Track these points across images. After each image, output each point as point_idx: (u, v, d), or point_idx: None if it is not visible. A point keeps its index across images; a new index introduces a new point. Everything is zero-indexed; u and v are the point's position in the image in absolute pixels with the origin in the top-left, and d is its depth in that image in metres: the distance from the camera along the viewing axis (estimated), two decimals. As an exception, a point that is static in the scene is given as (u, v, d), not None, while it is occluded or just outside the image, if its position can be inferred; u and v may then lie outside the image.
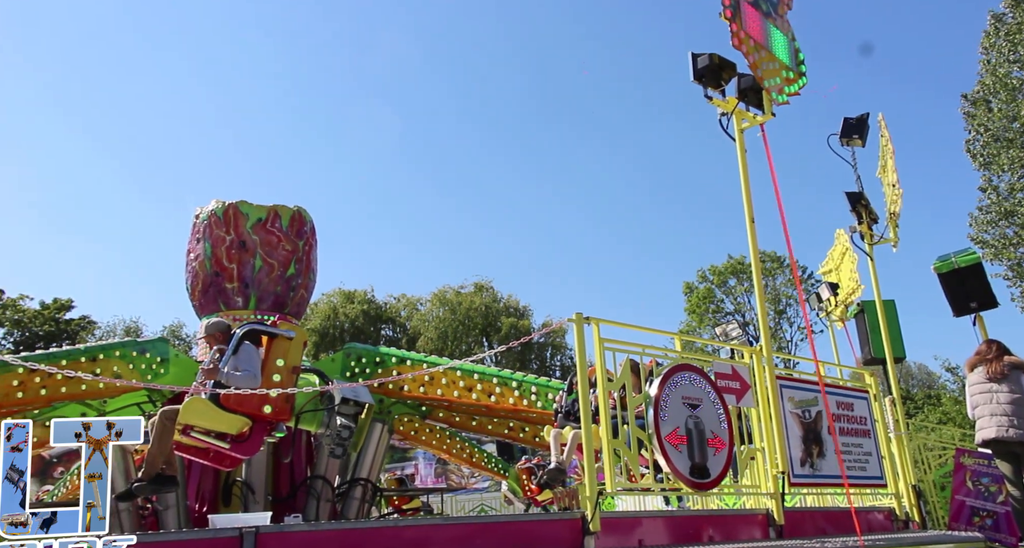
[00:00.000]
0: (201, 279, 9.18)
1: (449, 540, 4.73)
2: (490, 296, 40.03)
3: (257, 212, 9.16)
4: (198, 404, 5.43)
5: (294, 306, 9.54)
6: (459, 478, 21.96)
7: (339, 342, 35.65)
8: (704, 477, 5.48)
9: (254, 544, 4.21)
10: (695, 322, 38.23)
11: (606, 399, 5.23)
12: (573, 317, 5.14)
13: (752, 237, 6.21)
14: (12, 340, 32.02)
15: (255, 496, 8.37)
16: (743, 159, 6.24)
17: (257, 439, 5.71)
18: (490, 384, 8.63)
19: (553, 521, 5.18)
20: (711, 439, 5.58)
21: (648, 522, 5.49)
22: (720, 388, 5.78)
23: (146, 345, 8.56)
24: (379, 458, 9.50)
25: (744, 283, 38.81)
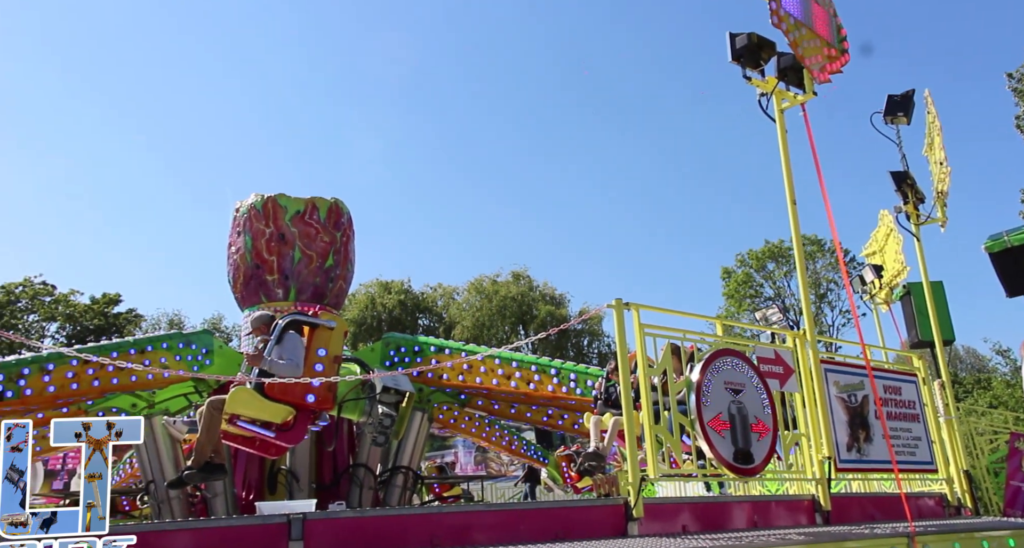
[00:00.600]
0: (242, 272, 9.35)
1: (492, 526, 4.76)
2: (526, 284, 40.02)
3: (295, 205, 9.28)
4: (244, 394, 5.53)
5: (333, 297, 9.66)
6: (499, 466, 22.10)
7: (377, 332, 36.06)
8: (748, 463, 5.41)
9: (301, 530, 4.29)
10: (734, 307, 37.73)
11: (647, 385, 5.19)
12: (613, 303, 5.11)
13: (794, 219, 6.09)
14: (65, 334, 33.06)
15: (299, 484, 8.53)
16: (783, 140, 6.11)
17: (301, 428, 5.80)
18: (529, 372, 8.64)
19: (596, 507, 5.17)
20: (754, 424, 5.50)
21: (691, 508, 5.45)
22: (763, 373, 5.69)
23: (191, 337, 8.76)
24: (419, 446, 9.59)
25: (783, 267, 38.17)
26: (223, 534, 4.28)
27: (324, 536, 4.36)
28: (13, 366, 7.20)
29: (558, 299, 39.98)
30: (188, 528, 4.30)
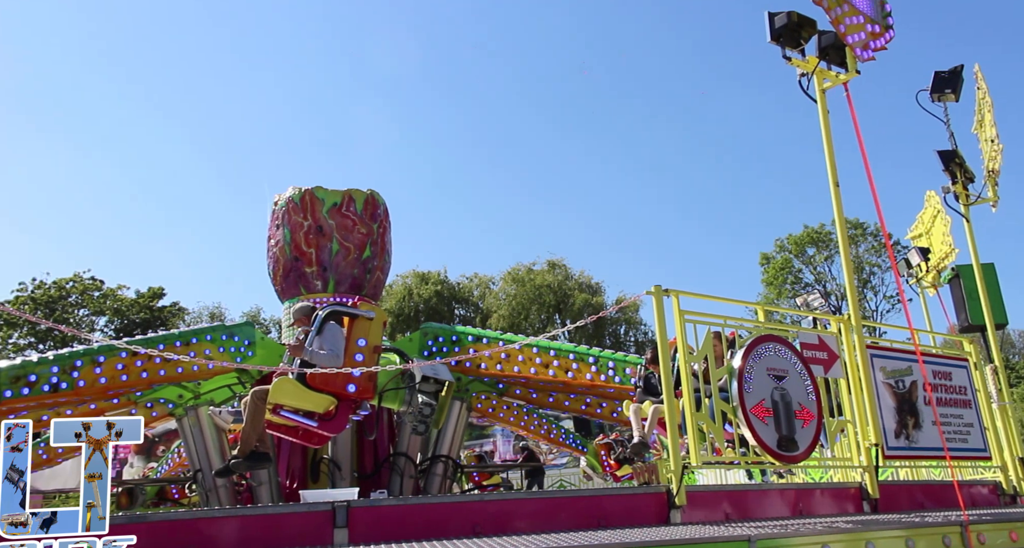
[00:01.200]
0: (282, 264, 9.48)
1: (534, 514, 4.77)
2: (562, 273, 39.90)
3: (332, 197, 9.37)
4: (287, 384, 5.62)
5: (371, 288, 9.75)
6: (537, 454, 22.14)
7: (414, 323, 36.33)
8: (792, 450, 5.32)
9: (346, 518, 4.35)
10: (773, 294, 37.15)
11: (688, 372, 5.14)
12: (652, 290, 5.05)
13: (837, 202, 5.94)
14: (113, 328, 33.99)
15: (341, 473, 8.66)
16: (825, 121, 5.95)
17: (343, 417, 5.87)
18: (567, 360, 8.62)
19: (637, 495, 5.15)
20: (798, 411, 5.41)
21: (734, 495, 5.39)
22: (806, 359, 5.59)
23: (234, 329, 8.92)
24: (459, 435, 9.66)
25: (824, 252, 37.43)
26: (270, 521, 4.36)
27: (368, 523, 4.41)
28: (67, 359, 7.43)
29: (594, 288, 39.79)
30: (237, 515, 4.39)
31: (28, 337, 31.76)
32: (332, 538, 4.30)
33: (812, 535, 4.40)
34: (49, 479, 16.42)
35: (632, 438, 7.32)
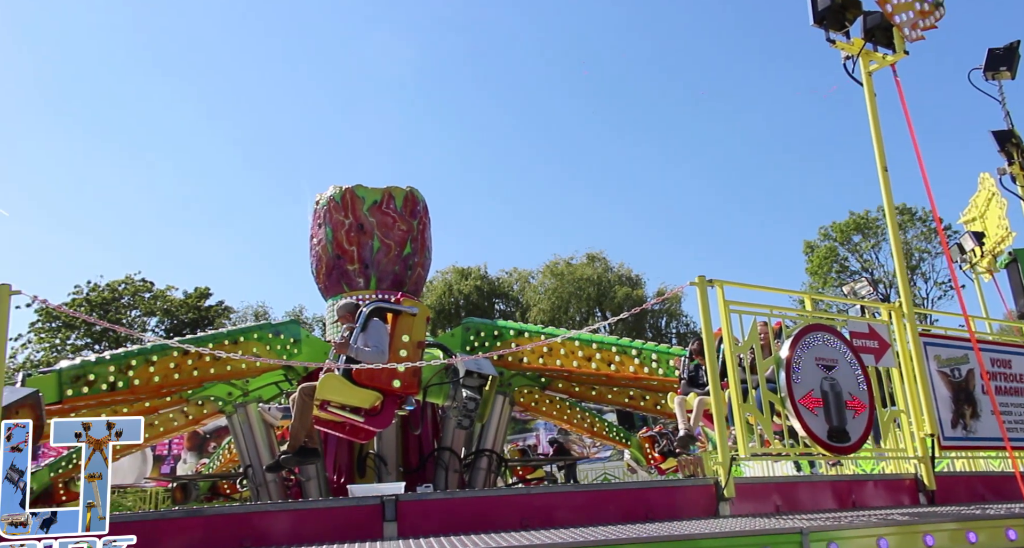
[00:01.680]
0: (324, 262, 9.62)
1: (580, 507, 4.77)
2: (602, 266, 39.73)
3: (372, 195, 9.48)
4: (333, 380, 5.70)
5: (412, 284, 9.83)
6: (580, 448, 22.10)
7: (455, 318, 36.55)
8: (843, 441, 5.22)
9: (395, 511, 4.41)
10: (818, 283, 36.40)
11: (734, 363, 5.07)
12: (696, 280, 5.00)
13: (885, 187, 5.78)
14: (163, 328, 34.96)
15: (387, 467, 8.77)
16: (872, 104, 5.79)
17: (389, 412, 5.94)
18: (609, 353, 8.58)
19: (684, 487, 5.10)
20: (849, 401, 5.30)
21: (784, 487, 5.31)
22: (856, 348, 5.47)
23: (280, 327, 9.09)
24: (502, 429, 9.70)
25: (870, 239, 36.53)
26: (321, 515, 4.44)
27: (416, 517, 4.46)
28: (123, 358, 7.66)
29: (634, 280, 39.51)
30: (289, 509, 4.48)
31: (85, 338, 32.83)
32: (382, 531, 4.36)
33: (867, 527, 4.30)
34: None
35: (677, 431, 7.26)
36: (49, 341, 32.54)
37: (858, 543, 4.17)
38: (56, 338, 32.64)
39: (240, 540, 4.19)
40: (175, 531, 4.17)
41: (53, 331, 32.65)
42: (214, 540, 4.18)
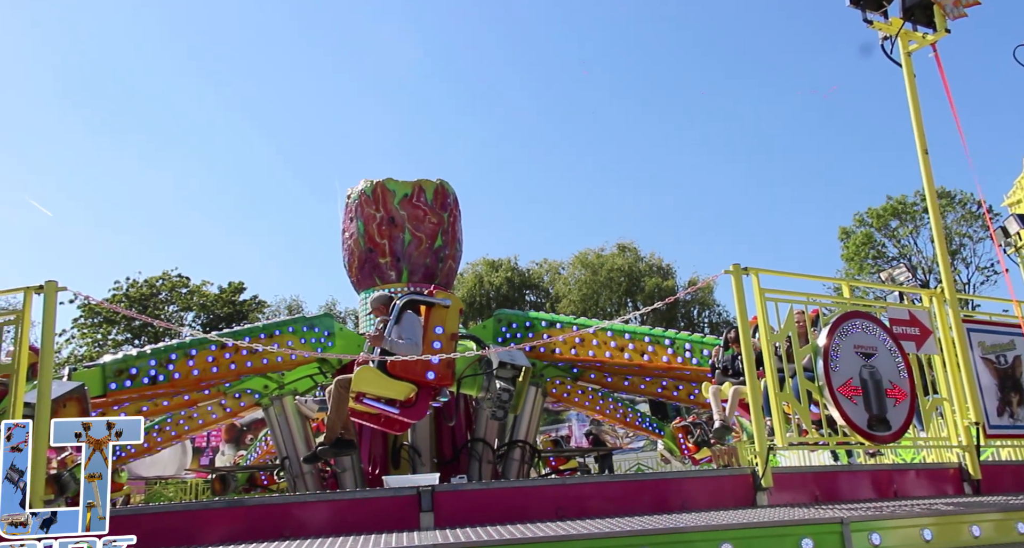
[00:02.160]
0: (357, 256, 9.70)
1: (616, 497, 4.76)
2: (633, 256, 39.47)
3: (403, 188, 9.52)
4: (368, 372, 5.75)
5: (443, 276, 9.87)
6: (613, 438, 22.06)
7: (485, 310, 36.65)
8: (883, 430, 5.13)
9: (431, 502, 4.44)
10: (854, 269, 35.72)
11: (771, 352, 5.01)
12: (730, 269, 4.94)
13: (926, 170, 5.64)
14: (199, 322, 35.61)
15: (421, 459, 8.84)
16: (912, 85, 5.64)
17: (423, 404, 5.97)
18: (642, 343, 8.52)
19: (721, 478, 5.07)
20: (889, 389, 5.20)
21: (822, 477, 5.24)
22: (897, 335, 5.36)
23: (314, 321, 9.19)
24: (535, 420, 9.71)
25: (908, 224, 35.72)
26: (358, 505, 4.50)
27: (452, 508, 4.49)
28: (163, 352, 7.82)
29: (665, 270, 39.20)
30: (328, 500, 4.55)
31: (125, 333, 33.60)
32: (418, 522, 4.40)
33: (909, 517, 4.23)
34: (149, 466, 17.41)
35: (711, 421, 7.20)
36: (91, 336, 33.38)
37: (901, 534, 4.10)
38: (98, 333, 33.47)
39: (281, 530, 4.26)
40: (219, 521, 4.26)
41: (94, 327, 33.48)
42: (256, 530, 4.25)
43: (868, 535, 4.02)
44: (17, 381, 3.96)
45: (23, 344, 4.07)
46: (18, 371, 3.98)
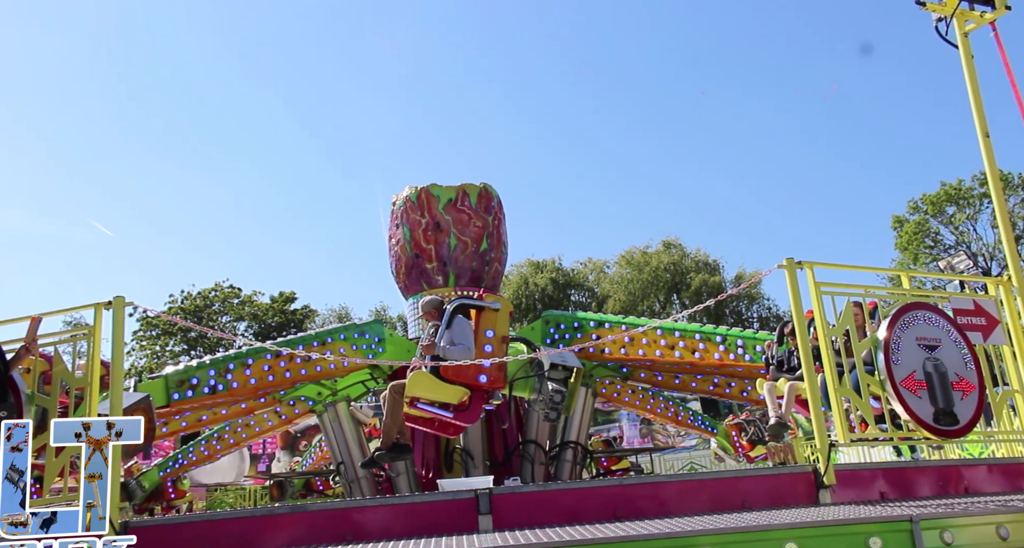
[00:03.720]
0: (404, 262, 9.81)
1: (674, 497, 4.70)
2: (679, 252, 39.00)
3: (447, 193, 9.60)
4: (422, 377, 5.81)
5: (490, 280, 9.91)
6: (665, 437, 21.85)
7: (531, 311, 36.64)
8: (951, 424, 4.97)
9: (489, 504, 4.45)
10: (909, 259, 34.65)
11: (829, 346, 4.89)
12: (784, 263, 4.84)
13: (987, 153, 5.45)
14: (252, 332, 36.42)
15: (474, 461, 8.88)
16: (969, 67, 5.44)
17: (477, 407, 6.01)
18: (693, 340, 8.42)
19: (782, 475, 4.96)
20: (956, 382, 5.04)
21: (889, 473, 5.09)
22: (961, 326, 5.19)
23: (365, 327, 9.31)
24: (586, 421, 9.67)
25: (966, 210, 34.49)
26: (417, 509, 4.54)
27: (510, 510, 4.50)
28: (221, 362, 8.03)
29: (712, 265, 38.60)
30: (386, 504, 4.60)
31: (181, 344, 34.59)
32: (477, 524, 4.42)
33: (983, 514, 4.08)
34: (210, 473, 17.91)
35: (765, 418, 7.07)
36: (150, 348, 34.45)
37: (975, 532, 3.97)
38: (156, 345, 34.51)
39: (342, 534, 4.32)
40: (284, 526, 4.35)
41: (153, 339, 34.53)
42: (318, 534, 4.33)
43: (940, 533, 3.90)
44: (91, 394, 4.12)
45: (95, 358, 4.22)
46: (92, 384, 4.14)
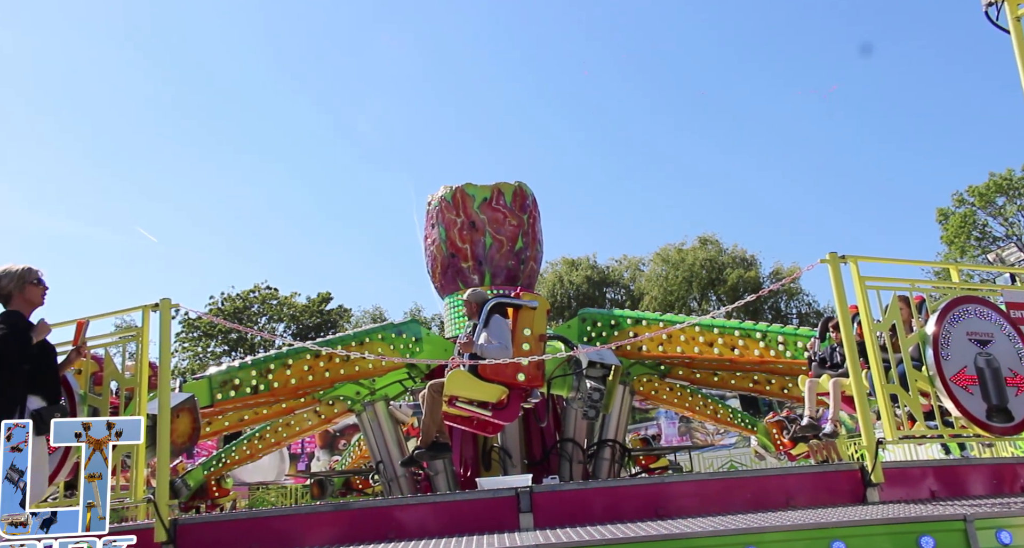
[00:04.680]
0: (440, 262, 9.86)
1: (717, 495, 4.65)
2: (715, 249, 38.53)
3: (482, 192, 9.62)
4: (460, 376, 5.83)
5: (526, 278, 9.91)
6: (704, 435, 21.62)
7: (566, 309, 36.55)
8: (1005, 421, 4.82)
9: (530, 502, 4.45)
10: (955, 252, 33.72)
11: (875, 342, 4.79)
12: (827, 257, 4.75)
13: (1039, 140, 5.27)
14: (290, 333, 36.96)
15: (512, 460, 8.89)
16: (1022, 51, 5.26)
17: (515, 406, 6.00)
18: (732, 337, 8.30)
19: (827, 473, 4.87)
20: (1010, 378, 4.89)
21: (940, 471, 4.96)
22: (1015, 320, 5.03)
23: (402, 327, 9.38)
24: (623, 419, 9.61)
25: (1017, 201, 33.42)
26: (458, 507, 4.56)
27: (551, 508, 4.49)
28: (263, 363, 8.15)
29: (748, 261, 38.07)
30: (428, 502, 4.63)
31: (223, 345, 35.25)
32: (518, 523, 4.42)
33: (1043, 514, 3.95)
34: (252, 472, 18.24)
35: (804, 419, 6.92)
36: (192, 350, 35.17)
37: (1033, 531, 3.84)
38: (198, 347, 35.22)
39: (385, 532, 4.36)
40: (327, 523, 4.40)
41: (195, 341, 35.25)
42: (361, 532, 4.37)
43: (995, 533, 3.78)
44: (140, 393, 4.21)
45: (143, 359, 4.32)
46: (141, 384, 4.24)
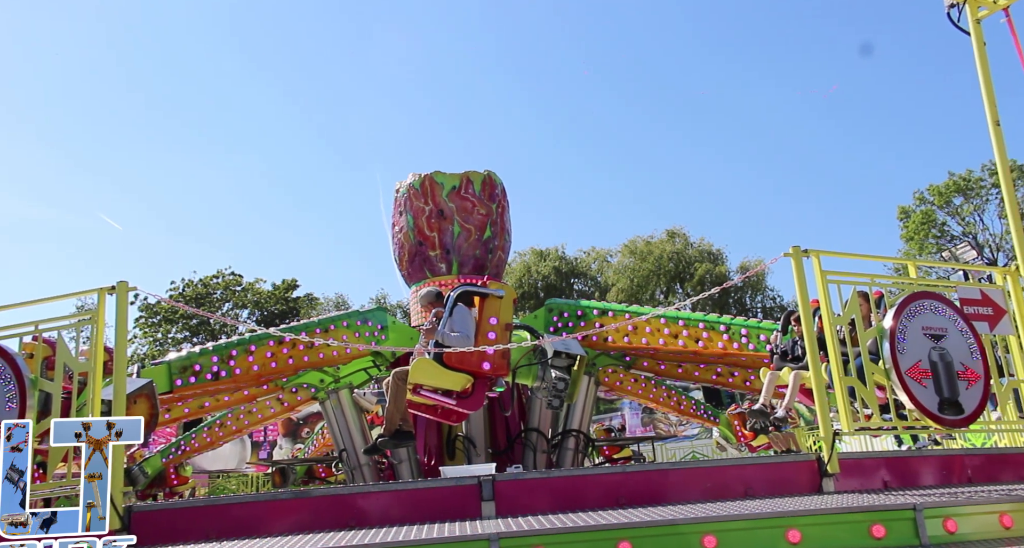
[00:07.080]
0: (407, 249, 9.79)
1: (677, 484, 4.71)
2: (682, 242, 38.90)
3: (451, 180, 9.55)
4: (425, 365, 5.80)
5: (493, 268, 9.88)
6: (667, 426, 21.88)
7: (533, 300, 36.62)
8: (956, 413, 4.96)
9: (492, 491, 4.46)
10: (914, 250, 34.52)
11: (834, 335, 4.88)
12: (790, 251, 4.82)
13: (998, 142, 5.41)
14: (254, 319, 36.43)
15: (476, 449, 8.90)
16: (981, 54, 5.38)
17: (480, 394, 6.00)
18: (696, 329, 8.40)
19: (785, 464, 4.97)
20: (961, 372, 5.02)
21: (893, 462, 5.09)
22: (968, 315, 5.17)
23: (368, 315, 9.31)
24: (588, 409, 9.68)
25: (974, 200, 34.31)
26: (421, 495, 4.55)
27: (513, 496, 4.51)
28: (224, 349, 8.02)
29: (715, 255, 38.49)
30: (390, 490, 4.61)
31: (183, 331, 34.63)
32: (480, 511, 4.43)
33: (987, 503, 4.08)
34: (212, 460, 17.99)
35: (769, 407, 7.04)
36: (152, 335, 34.49)
37: (979, 520, 3.96)
38: (158, 332, 34.55)
39: (346, 520, 4.33)
40: (287, 511, 4.36)
41: (154, 326, 34.57)
42: (321, 520, 4.34)
43: (943, 521, 3.90)
44: (95, 379, 4.11)
45: (99, 343, 4.21)
46: (95, 369, 4.13)
